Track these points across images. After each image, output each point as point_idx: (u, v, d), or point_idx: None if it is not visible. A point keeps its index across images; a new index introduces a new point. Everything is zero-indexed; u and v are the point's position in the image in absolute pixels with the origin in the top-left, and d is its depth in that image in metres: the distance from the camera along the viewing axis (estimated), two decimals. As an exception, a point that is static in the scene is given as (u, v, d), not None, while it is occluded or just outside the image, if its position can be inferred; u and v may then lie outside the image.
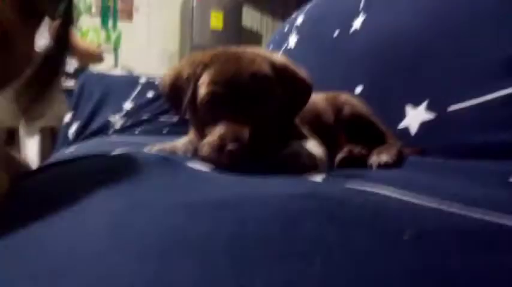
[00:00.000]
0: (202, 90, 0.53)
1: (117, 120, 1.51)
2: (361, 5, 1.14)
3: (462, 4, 0.78)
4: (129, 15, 3.45)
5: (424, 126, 0.79)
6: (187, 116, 0.61)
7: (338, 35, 1.23)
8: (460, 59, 0.75)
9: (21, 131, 1.59)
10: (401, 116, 0.86)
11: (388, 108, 0.88)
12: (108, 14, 3.15)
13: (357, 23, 1.14)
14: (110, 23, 3.14)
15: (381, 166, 0.63)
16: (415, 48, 0.88)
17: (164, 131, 1.52)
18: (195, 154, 0.60)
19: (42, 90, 0.53)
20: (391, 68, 0.94)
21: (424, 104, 0.80)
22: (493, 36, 0.71)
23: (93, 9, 3.11)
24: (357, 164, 0.66)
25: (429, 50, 0.83)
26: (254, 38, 4.12)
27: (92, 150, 0.79)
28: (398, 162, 0.64)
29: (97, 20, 3.11)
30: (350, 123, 0.77)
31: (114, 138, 1.23)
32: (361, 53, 1.05)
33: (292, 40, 1.54)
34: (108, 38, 3.01)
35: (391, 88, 0.92)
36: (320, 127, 0.71)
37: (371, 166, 0.65)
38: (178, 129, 1.48)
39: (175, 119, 1.56)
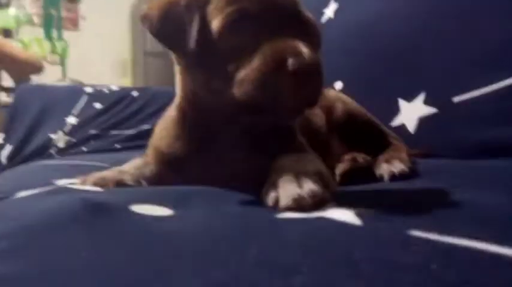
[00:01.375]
0: (222, 13, 0.39)
1: (60, 138, 1.30)
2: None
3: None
4: (74, 24, 3.18)
5: (424, 121, 0.69)
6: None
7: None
8: (463, 44, 0.65)
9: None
10: (394, 112, 0.75)
11: (377, 104, 0.77)
12: (51, 23, 2.87)
13: (330, 11, 1.02)
14: (55, 33, 2.85)
15: (395, 177, 0.50)
16: (401, 35, 0.77)
17: (118, 146, 1.32)
18: (153, 181, 0.47)
19: None
20: (374, 59, 0.83)
21: (421, 97, 0.69)
22: (495, 14, 0.62)
23: (35, 19, 2.80)
24: (362, 175, 0.54)
25: (420, 37, 0.73)
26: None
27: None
28: (413, 169, 0.53)
29: (40, 31, 2.81)
30: (345, 125, 0.64)
31: (55, 161, 1.02)
32: (338, 44, 0.93)
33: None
34: (53, 49, 2.73)
35: (378, 82, 0.81)
36: (309, 133, 0.55)
37: (381, 177, 0.52)
38: (133, 144, 1.29)
39: (129, 131, 1.36)
